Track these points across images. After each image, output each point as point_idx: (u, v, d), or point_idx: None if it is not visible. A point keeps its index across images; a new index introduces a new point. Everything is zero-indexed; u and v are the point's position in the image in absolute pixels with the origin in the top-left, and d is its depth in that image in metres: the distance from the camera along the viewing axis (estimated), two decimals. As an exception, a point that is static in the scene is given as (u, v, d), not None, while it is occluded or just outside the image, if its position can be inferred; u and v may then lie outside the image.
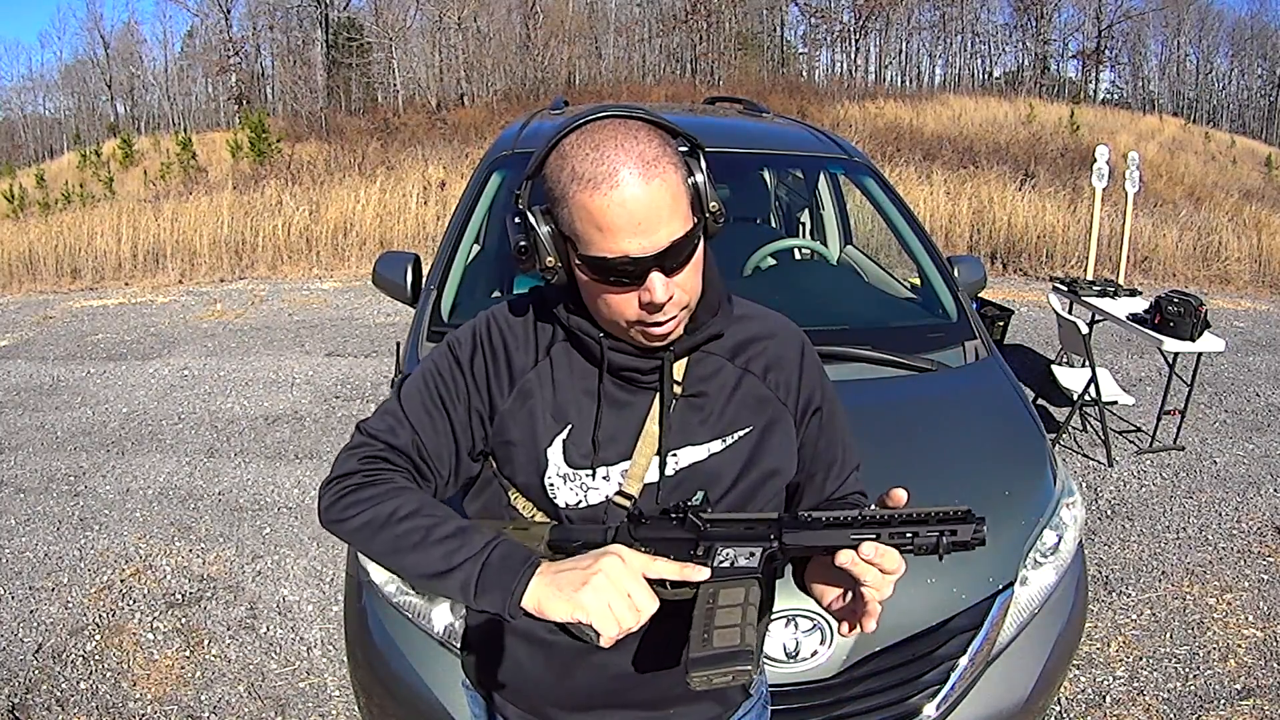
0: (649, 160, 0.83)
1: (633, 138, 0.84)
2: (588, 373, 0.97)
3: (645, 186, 0.83)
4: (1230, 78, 36.16)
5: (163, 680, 2.49)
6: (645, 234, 0.83)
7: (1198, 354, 4.05)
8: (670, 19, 31.18)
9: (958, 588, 1.60)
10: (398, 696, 1.60)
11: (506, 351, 0.98)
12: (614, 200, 0.82)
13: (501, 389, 0.97)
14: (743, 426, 0.99)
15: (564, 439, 0.96)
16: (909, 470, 1.77)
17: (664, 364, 0.95)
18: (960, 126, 19.37)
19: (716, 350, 1.00)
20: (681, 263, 0.87)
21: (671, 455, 0.97)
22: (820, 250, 3.35)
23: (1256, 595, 2.94)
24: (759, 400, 1.01)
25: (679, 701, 1.02)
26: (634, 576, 0.82)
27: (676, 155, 0.87)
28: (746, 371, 1.01)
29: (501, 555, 0.84)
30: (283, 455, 4.05)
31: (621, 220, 0.83)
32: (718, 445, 0.98)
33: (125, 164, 19.90)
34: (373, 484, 0.91)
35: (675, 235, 0.85)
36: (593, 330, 0.95)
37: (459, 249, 2.40)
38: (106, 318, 6.96)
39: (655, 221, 0.83)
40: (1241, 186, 14.68)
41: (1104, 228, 7.09)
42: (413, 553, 0.86)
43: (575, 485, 0.96)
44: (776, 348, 1.04)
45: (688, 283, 0.89)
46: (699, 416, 0.98)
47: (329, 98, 26.49)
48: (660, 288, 0.86)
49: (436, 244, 2.77)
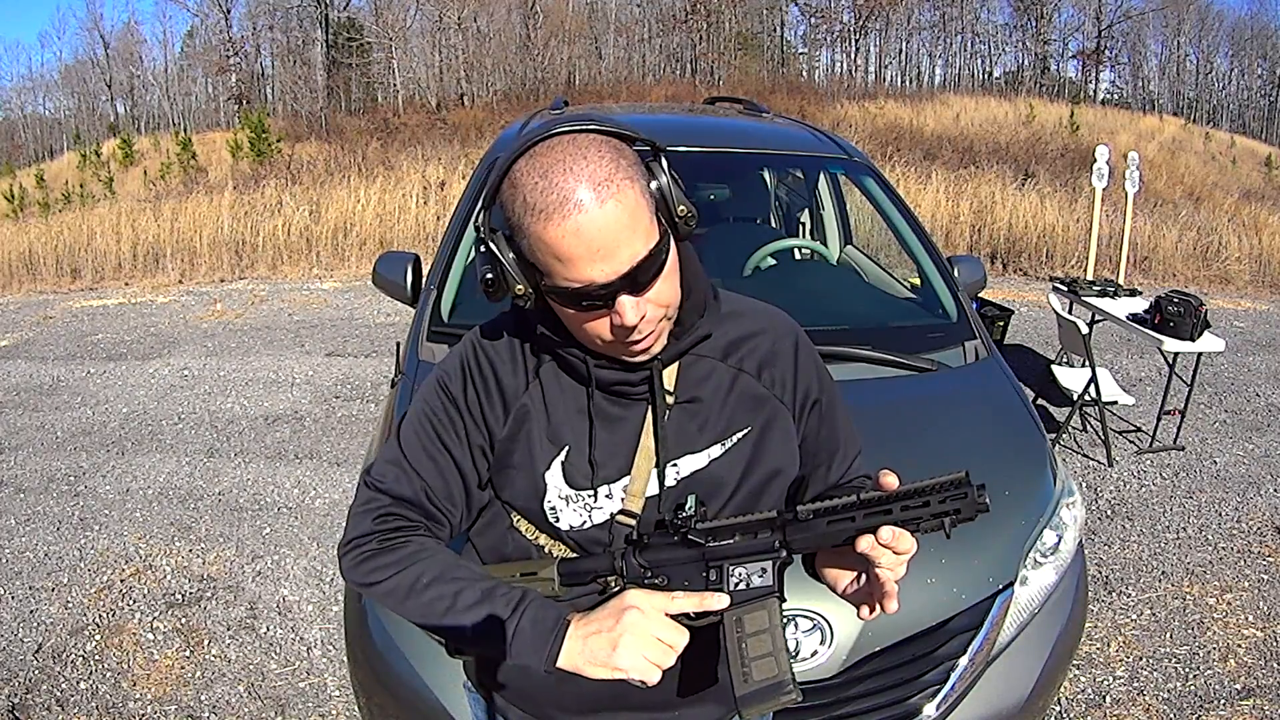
0: (600, 181, 0.79)
1: (582, 158, 0.80)
2: (578, 392, 0.95)
3: (599, 210, 0.79)
4: (1230, 78, 36.18)
5: (163, 680, 2.49)
6: (606, 259, 0.80)
7: (1198, 354, 4.05)
8: (670, 19, 31.19)
9: (958, 588, 1.60)
10: (398, 696, 1.60)
11: (497, 378, 0.96)
12: (568, 230, 0.79)
13: (497, 417, 0.96)
14: (741, 428, 0.97)
15: (562, 461, 0.95)
16: (909, 470, 1.77)
17: (652, 374, 0.93)
18: (960, 126, 19.39)
19: (707, 352, 0.98)
20: (651, 279, 0.84)
21: (672, 465, 0.95)
22: (820, 250, 3.35)
23: (1256, 595, 2.94)
24: (755, 399, 0.99)
25: (682, 704, 1.02)
26: (658, 621, 0.84)
27: (633, 166, 0.83)
28: (740, 371, 0.99)
29: (531, 620, 0.86)
30: (283, 455, 4.05)
31: (579, 249, 0.79)
32: (717, 450, 0.96)
33: (125, 164, 19.91)
34: (391, 548, 0.92)
35: (639, 255, 0.81)
36: (577, 349, 0.93)
37: (459, 249, 2.39)
38: (106, 318, 6.96)
39: (614, 245, 0.80)
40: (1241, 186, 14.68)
41: (1104, 228, 7.09)
42: (443, 619, 0.88)
43: (578, 507, 0.94)
44: (769, 343, 1.01)
45: (663, 295, 0.86)
46: (696, 423, 0.96)
47: (329, 98, 26.49)
48: (630, 310, 0.83)
49: (436, 244, 2.77)
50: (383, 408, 2.45)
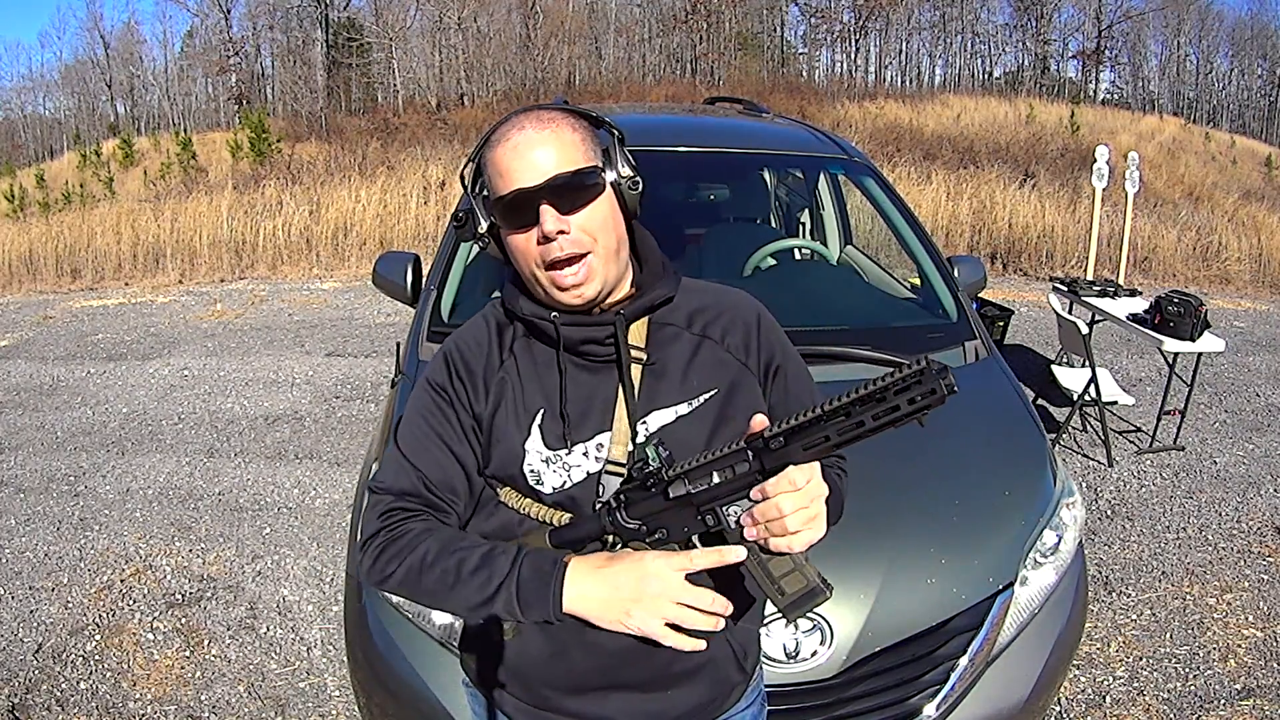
0: (546, 118, 0.95)
1: (540, 110, 0.97)
2: (549, 357, 1.01)
3: (537, 133, 0.94)
4: (1230, 78, 36.16)
5: (163, 680, 2.49)
6: (533, 169, 0.92)
7: (1198, 354, 4.05)
8: (670, 19, 31.16)
9: (958, 588, 1.60)
10: (398, 696, 1.60)
11: (475, 361, 1.02)
12: (508, 147, 0.94)
13: (479, 398, 1.01)
14: (708, 389, 1.02)
15: (539, 424, 0.99)
16: (909, 471, 1.78)
17: (617, 329, 0.99)
18: (960, 127, 19.38)
19: (672, 320, 1.04)
20: (575, 204, 0.94)
21: (641, 423, 0.99)
22: (820, 250, 3.34)
23: (1256, 595, 2.94)
24: (720, 363, 1.04)
25: (675, 683, 1.03)
26: (679, 588, 0.86)
27: (585, 129, 0.97)
28: (704, 338, 1.05)
29: (531, 568, 0.90)
30: (283, 455, 4.05)
31: (513, 161, 0.93)
32: (684, 408, 1.01)
33: (125, 164, 19.89)
34: (396, 538, 0.96)
35: (562, 169, 0.93)
36: (543, 311, 1.00)
37: (459, 249, 2.40)
38: (106, 318, 6.96)
39: (543, 159, 0.93)
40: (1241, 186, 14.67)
41: (1104, 228, 7.09)
42: (452, 592, 0.92)
43: (557, 467, 0.98)
44: (731, 314, 1.07)
45: (590, 225, 0.95)
46: (663, 383, 1.01)
47: (329, 98, 26.46)
48: (550, 219, 0.92)
49: (436, 244, 2.77)
50: (383, 408, 2.45)
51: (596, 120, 1.00)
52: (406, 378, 2.02)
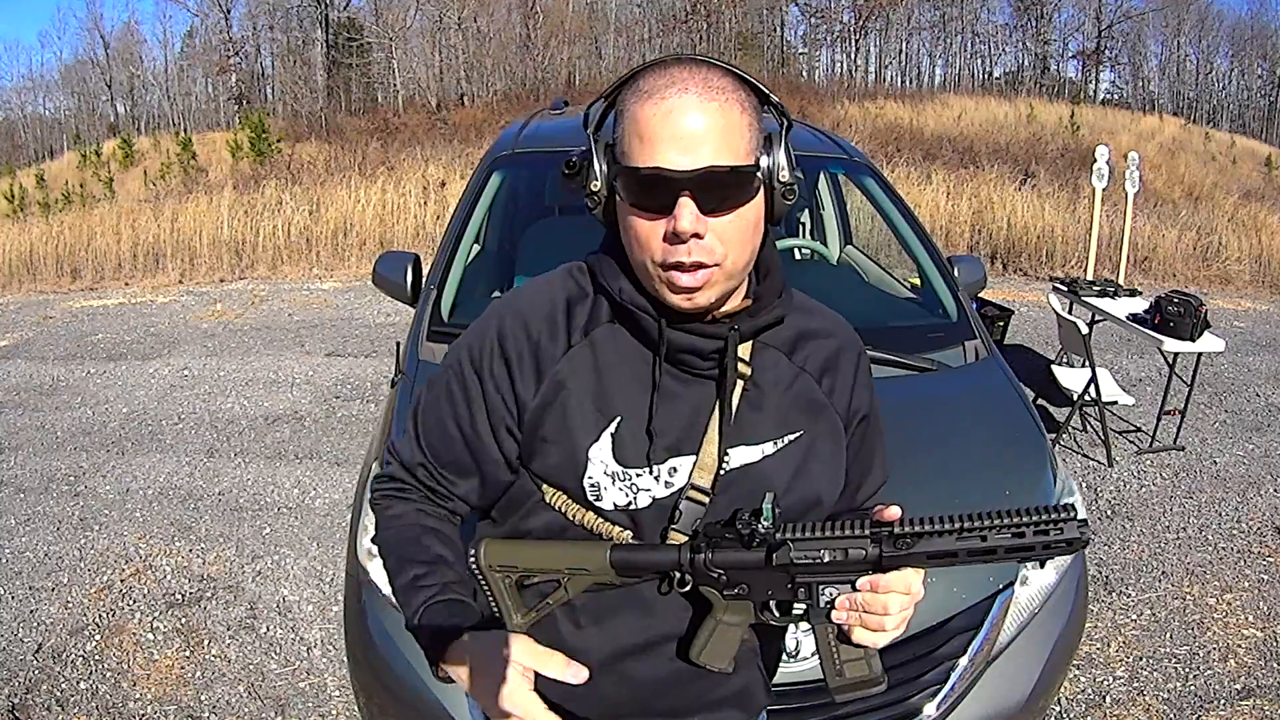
0: (714, 86, 0.78)
1: (707, 68, 0.80)
2: (639, 357, 0.88)
3: (699, 102, 0.77)
4: (1230, 78, 36.14)
5: (163, 680, 2.49)
6: (685, 150, 0.76)
7: (1198, 354, 4.05)
8: (670, 19, 31.15)
9: (958, 588, 1.60)
10: (398, 696, 1.60)
11: (532, 342, 0.88)
12: (661, 109, 0.77)
13: (526, 383, 0.88)
14: (795, 429, 0.92)
15: (612, 434, 0.87)
16: (909, 470, 1.77)
17: (728, 343, 0.86)
18: (960, 126, 19.36)
19: (774, 343, 0.93)
20: (722, 204, 0.79)
21: (725, 454, 0.88)
22: (820, 250, 3.35)
23: (1256, 595, 2.94)
24: (813, 403, 0.94)
25: (704, 709, 0.98)
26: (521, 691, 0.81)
27: (754, 109, 0.82)
28: (803, 371, 0.94)
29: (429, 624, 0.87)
30: (283, 455, 4.05)
31: (663, 129, 0.77)
32: (770, 447, 0.91)
33: (125, 164, 19.87)
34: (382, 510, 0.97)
35: (719, 162, 0.77)
36: (650, 308, 0.86)
37: (459, 249, 2.40)
38: (106, 318, 6.96)
39: (699, 140, 0.77)
40: (1241, 186, 14.66)
41: (1104, 228, 7.09)
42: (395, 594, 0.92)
43: (625, 485, 0.87)
44: (834, 347, 0.97)
45: (727, 234, 0.80)
46: (757, 415, 0.91)
47: (329, 98, 26.47)
48: (688, 215, 0.77)
49: (436, 244, 2.77)
50: (383, 408, 2.45)
51: (764, 96, 0.83)
52: (406, 377, 2.02)
